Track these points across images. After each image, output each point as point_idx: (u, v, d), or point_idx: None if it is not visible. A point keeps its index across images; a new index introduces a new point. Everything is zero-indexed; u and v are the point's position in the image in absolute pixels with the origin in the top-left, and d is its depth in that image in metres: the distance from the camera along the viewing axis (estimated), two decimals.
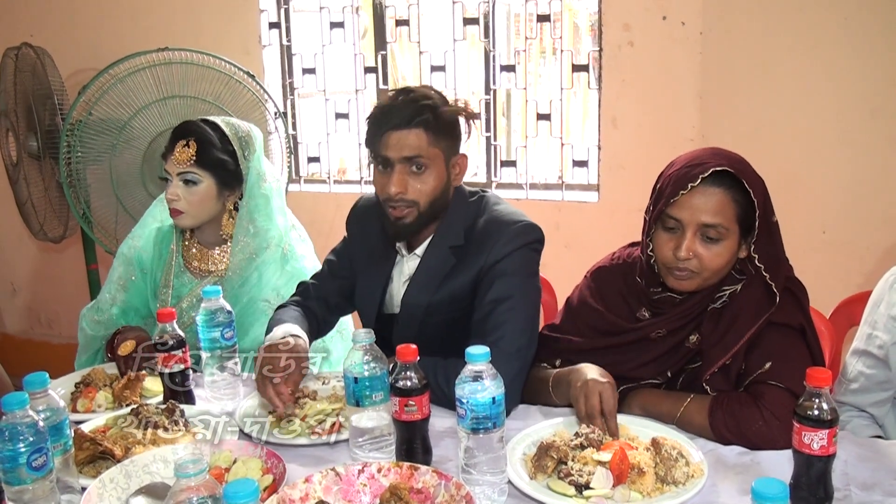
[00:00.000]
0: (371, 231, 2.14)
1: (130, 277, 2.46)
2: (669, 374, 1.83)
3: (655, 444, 1.56)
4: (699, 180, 1.69)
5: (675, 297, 1.82)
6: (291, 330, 1.97)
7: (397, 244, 2.08)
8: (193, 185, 2.30)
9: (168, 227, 2.49)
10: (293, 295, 2.24)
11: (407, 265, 2.07)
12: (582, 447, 1.56)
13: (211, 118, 2.40)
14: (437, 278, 2.01)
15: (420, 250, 2.04)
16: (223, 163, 2.33)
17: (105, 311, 2.44)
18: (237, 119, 2.48)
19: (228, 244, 2.41)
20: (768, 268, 1.72)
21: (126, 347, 2.13)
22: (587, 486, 1.48)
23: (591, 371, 1.73)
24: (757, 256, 1.72)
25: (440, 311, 2.01)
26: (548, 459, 1.53)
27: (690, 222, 1.71)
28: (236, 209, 2.40)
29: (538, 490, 1.49)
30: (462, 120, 2.00)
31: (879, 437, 1.85)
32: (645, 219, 1.84)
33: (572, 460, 1.53)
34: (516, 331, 1.88)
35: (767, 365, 1.69)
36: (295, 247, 2.46)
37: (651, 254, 1.81)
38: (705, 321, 1.79)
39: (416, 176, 1.92)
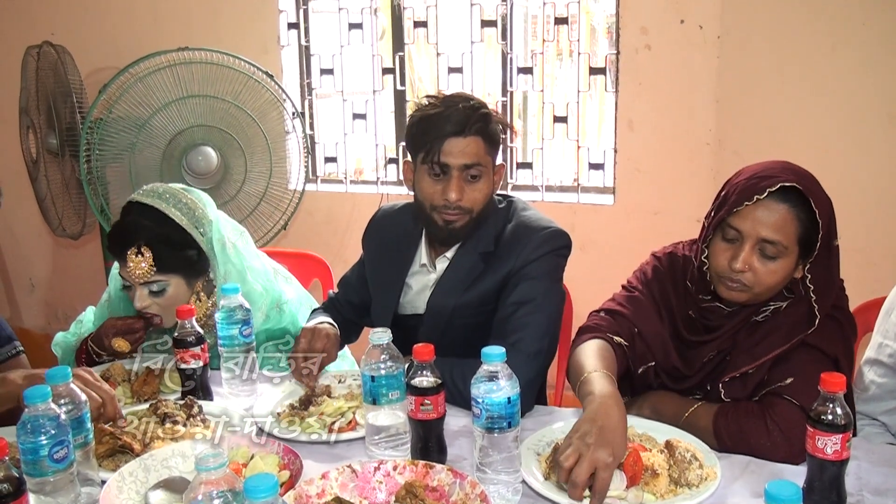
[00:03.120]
0: (387, 241, 2.18)
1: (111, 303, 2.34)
2: (709, 388, 1.81)
3: (669, 446, 1.57)
4: (766, 193, 1.65)
5: (723, 308, 1.80)
6: (323, 319, 2.11)
7: (423, 255, 2.11)
8: (162, 292, 2.08)
9: None
10: (321, 305, 2.33)
11: (436, 268, 2.09)
12: None
13: (147, 201, 2.10)
14: (465, 282, 2.03)
15: (450, 253, 2.07)
16: (186, 259, 2.11)
17: (85, 328, 2.36)
18: (175, 186, 2.19)
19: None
20: (817, 289, 1.70)
21: (121, 346, 2.12)
22: None
23: (605, 431, 1.46)
24: (809, 276, 1.70)
25: (466, 313, 2.03)
26: None
27: (750, 235, 1.68)
28: (205, 289, 2.19)
29: (552, 490, 1.50)
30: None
31: (892, 444, 1.85)
32: (704, 224, 1.80)
33: None
34: (537, 334, 1.89)
35: (788, 380, 1.66)
36: (283, 293, 2.27)
37: (705, 260, 1.78)
38: (742, 330, 1.78)
39: (471, 184, 1.95)
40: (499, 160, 2.04)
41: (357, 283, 2.28)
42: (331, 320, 2.15)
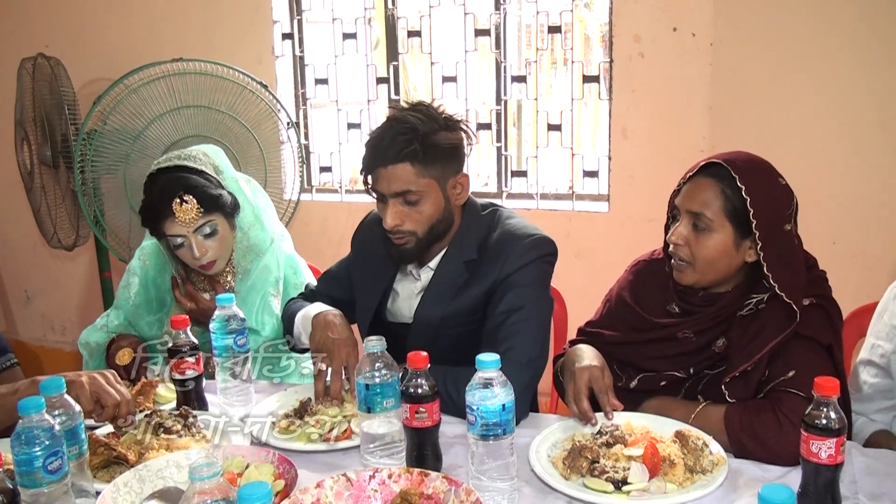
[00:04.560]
0: (373, 245, 2.17)
1: (135, 294, 2.42)
2: (692, 371, 1.84)
3: (681, 436, 1.60)
4: (696, 170, 1.79)
5: (695, 288, 1.86)
6: (327, 307, 2.05)
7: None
8: (214, 233, 2.23)
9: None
10: (298, 295, 2.30)
11: (421, 278, 2.09)
12: (608, 445, 1.59)
13: (166, 163, 2.27)
14: (450, 291, 2.02)
15: (433, 263, 2.06)
16: (222, 198, 2.25)
17: (111, 322, 2.41)
18: (185, 150, 2.35)
19: (230, 265, 2.38)
20: (776, 276, 1.73)
21: (123, 357, 2.14)
22: (624, 482, 1.51)
23: (581, 355, 1.82)
24: (766, 265, 1.73)
25: (454, 323, 2.02)
26: (582, 460, 1.56)
27: (682, 209, 1.80)
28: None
29: (578, 489, 1.52)
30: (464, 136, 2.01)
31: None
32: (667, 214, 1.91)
33: (604, 458, 1.56)
34: (528, 341, 1.89)
35: (791, 373, 1.69)
36: (283, 246, 2.46)
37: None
38: (734, 326, 1.80)
39: (410, 207, 1.94)
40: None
41: (342, 280, 2.26)
42: (334, 310, 2.05)
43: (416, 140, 1.89)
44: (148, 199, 2.23)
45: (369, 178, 1.97)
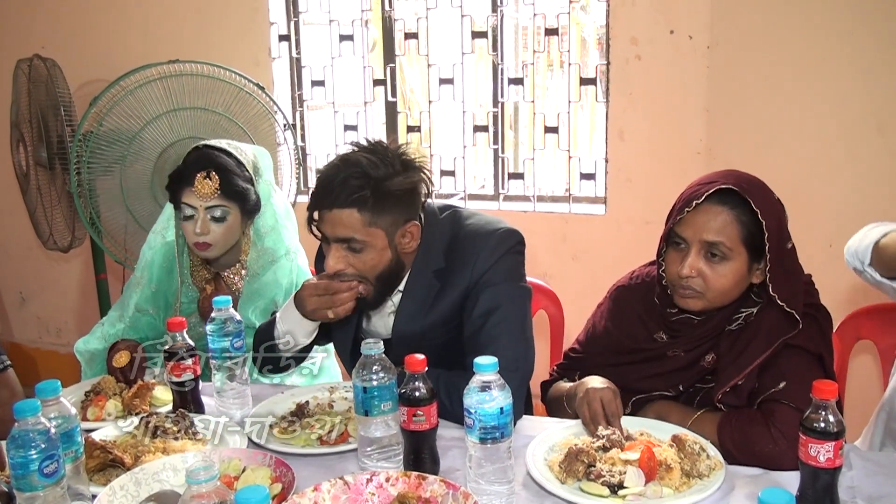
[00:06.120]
0: None
1: (146, 309, 2.43)
2: (681, 388, 1.84)
3: (677, 440, 1.59)
4: (703, 198, 1.71)
5: (692, 318, 1.83)
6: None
7: None
8: (222, 220, 2.27)
9: (172, 241, 2.44)
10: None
11: (392, 298, 2.01)
12: (605, 448, 1.59)
13: (214, 143, 2.35)
14: (425, 305, 1.96)
15: (401, 285, 1.98)
16: (246, 192, 2.30)
17: (107, 332, 2.41)
18: (236, 142, 2.43)
19: (240, 265, 2.42)
20: (783, 296, 1.71)
21: (120, 360, 2.13)
22: (620, 486, 1.50)
23: (592, 381, 1.80)
24: (771, 286, 1.72)
25: (434, 335, 1.97)
26: (578, 464, 1.55)
27: (694, 240, 1.74)
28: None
29: (574, 493, 1.51)
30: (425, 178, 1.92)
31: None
32: (660, 240, 1.85)
33: (600, 462, 1.56)
34: (511, 341, 1.86)
35: (781, 385, 1.68)
36: (297, 258, 2.47)
37: (663, 274, 1.83)
38: (722, 341, 1.79)
39: (353, 254, 1.85)
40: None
41: None
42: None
43: (368, 186, 1.79)
44: (181, 166, 2.31)
45: (315, 215, 1.87)
